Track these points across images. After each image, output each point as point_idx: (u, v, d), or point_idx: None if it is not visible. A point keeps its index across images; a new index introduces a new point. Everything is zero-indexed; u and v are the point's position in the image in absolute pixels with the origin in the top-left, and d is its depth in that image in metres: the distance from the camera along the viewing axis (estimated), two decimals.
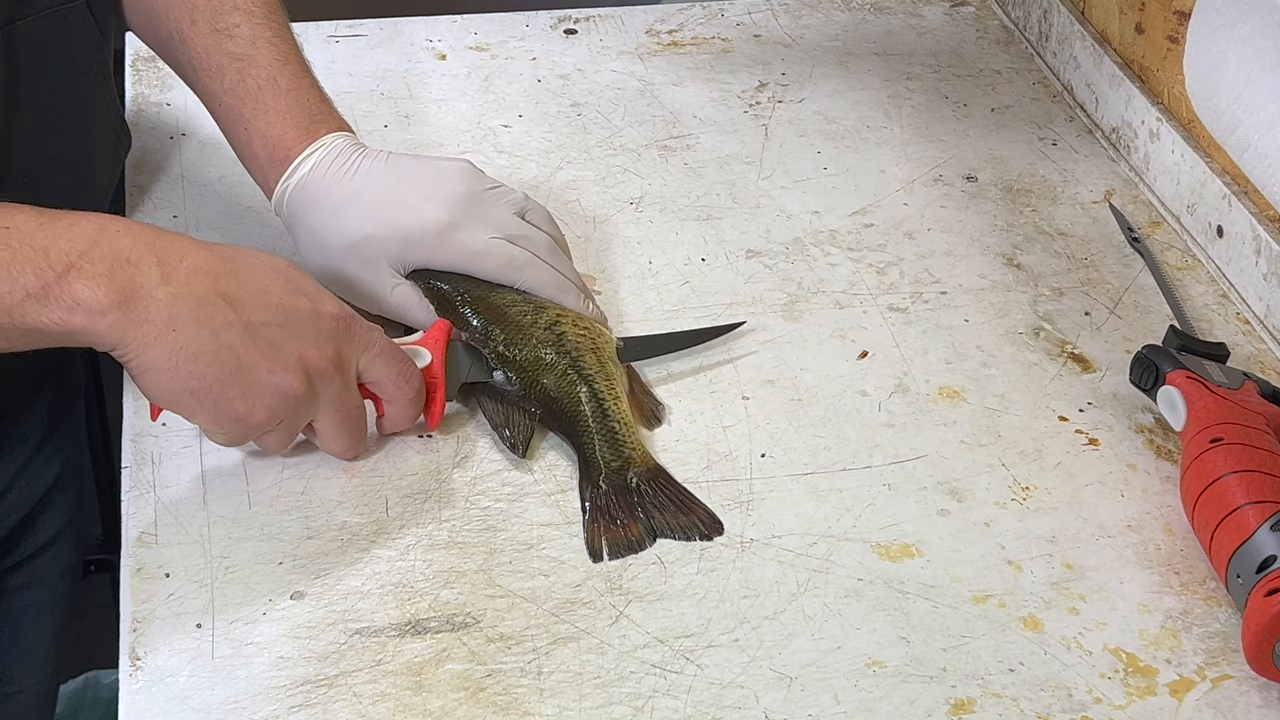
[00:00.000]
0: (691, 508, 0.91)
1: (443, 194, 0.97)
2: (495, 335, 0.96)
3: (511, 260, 0.98)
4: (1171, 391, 0.94)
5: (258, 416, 0.85)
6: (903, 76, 1.32)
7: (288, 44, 1.01)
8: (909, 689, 0.82)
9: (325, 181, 0.97)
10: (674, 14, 1.39)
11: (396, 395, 0.91)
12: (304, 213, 0.98)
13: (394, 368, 0.90)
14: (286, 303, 0.86)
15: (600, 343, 0.97)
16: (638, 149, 1.22)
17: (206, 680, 0.80)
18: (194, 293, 0.82)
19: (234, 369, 0.83)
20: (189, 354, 0.82)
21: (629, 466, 0.92)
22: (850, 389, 1.01)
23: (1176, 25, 1.18)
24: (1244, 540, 0.84)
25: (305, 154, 0.98)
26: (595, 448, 0.92)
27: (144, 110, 1.22)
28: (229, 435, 0.86)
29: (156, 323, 0.81)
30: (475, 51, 1.32)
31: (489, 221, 0.98)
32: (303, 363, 0.85)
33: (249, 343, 0.83)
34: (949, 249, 1.13)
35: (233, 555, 0.87)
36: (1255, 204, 1.09)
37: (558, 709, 0.80)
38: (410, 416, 0.92)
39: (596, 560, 0.88)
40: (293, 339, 0.85)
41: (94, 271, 0.80)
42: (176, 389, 0.83)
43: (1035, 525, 0.92)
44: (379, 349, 0.89)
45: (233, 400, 0.84)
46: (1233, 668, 0.84)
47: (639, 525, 0.89)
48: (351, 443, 0.91)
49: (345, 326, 0.88)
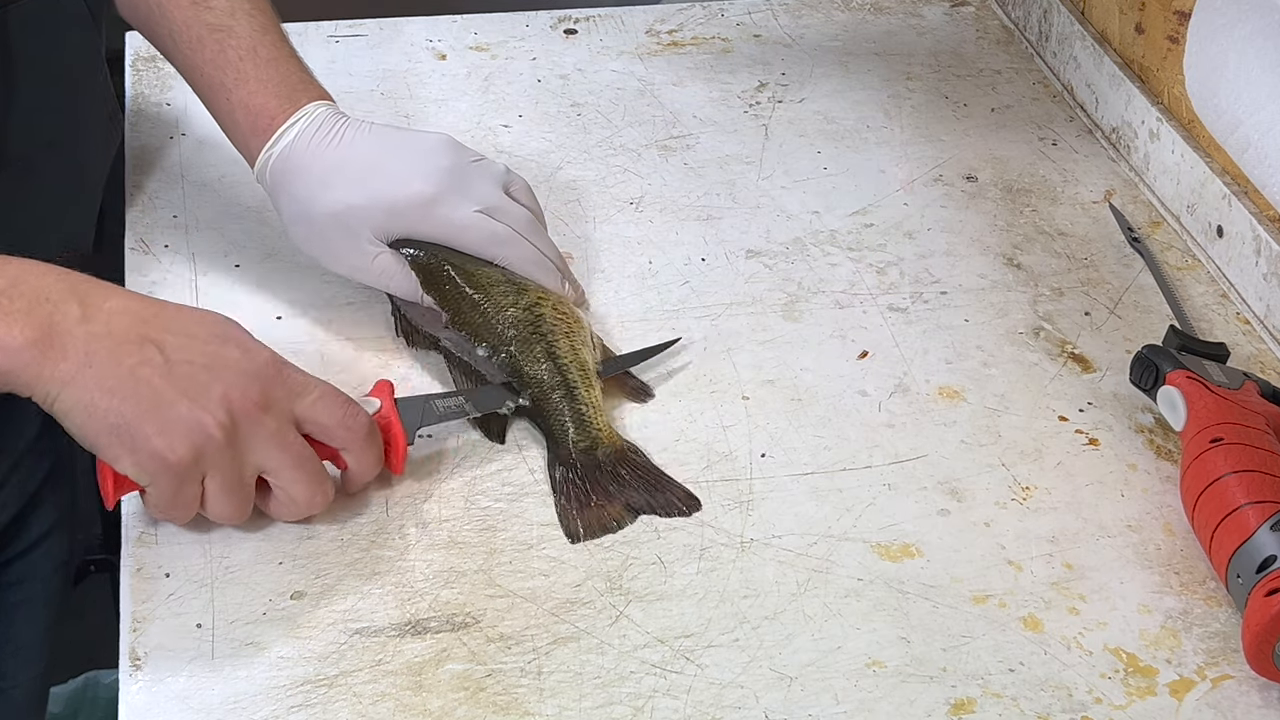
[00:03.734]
0: (664, 486, 0.92)
1: (428, 167, 0.98)
2: (475, 314, 0.97)
3: (493, 235, 0.99)
4: (1171, 391, 0.94)
5: (178, 453, 0.81)
6: (903, 76, 1.32)
7: (266, 14, 1.01)
8: (909, 689, 0.82)
9: (309, 150, 0.97)
10: (674, 14, 1.39)
11: (348, 439, 0.87)
12: (288, 181, 0.98)
13: (337, 410, 0.86)
14: (212, 347, 0.83)
15: (576, 327, 0.98)
16: (638, 149, 1.22)
17: (206, 680, 0.80)
18: (113, 332, 0.80)
19: (151, 404, 0.80)
20: (105, 389, 0.79)
21: (596, 446, 0.93)
22: (850, 389, 1.01)
23: (1176, 25, 1.18)
24: (1244, 540, 0.84)
25: (288, 123, 0.98)
26: (564, 429, 0.93)
27: (144, 110, 1.22)
28: (159, 485, 0.82)
29: (73, 360, 0.79)
30: (475, 51, 1.32)
31: (472, 195, 0.99)
32: (226, 401, 0.82)
33: (167, 379, 0.81)
34: (949, 249, 1.13)
35: (233, 555, 0.87)
36: (1255, 204, 1.09)
37: (558, 709, 0.80)
38: (371, 461, 0.88)
39: (574, 541, 0.89)
40: (215, 380, 0.82)
41: (11, 309, 0.78)
42: (96, 427, 0.80)
43: (1035, 525, 0.92)
44: (318, 394, 0.86)
45: (150, 436, 0.80)
46: (1233, 668, 0.84)
47: (615, 504, 0.90)
48: (313, 489, 0.86)
49: (276, 372, 0.85)
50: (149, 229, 1.09)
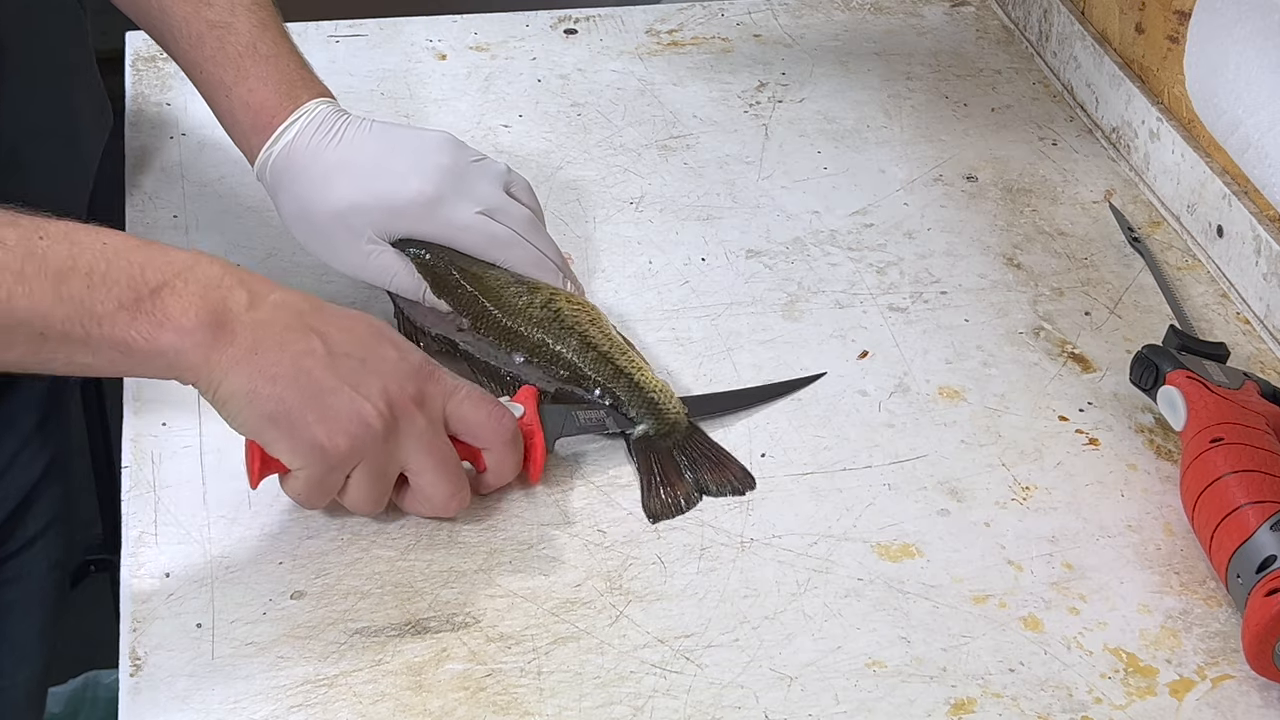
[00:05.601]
0: (726, 463, 0.94)
1: (428, 166, 0.98)
2: (502, 317, 0.97)
3: (494, 238, 0.98)
4: (1171, 391, 0.94)
5: (338, 444, 0.82)
6: (903, 76, 1.32)
7: (266, 10, 1.01)
8: (909, 689, 0.82)
9: (310, 149, 0.97)
10: (674, 14, 1.39)
11: (492, 438, 0.88)
12: (289, 180, 0.98)
13: (484, 409, 0.88)
14: (370, 342, 0.85)
15: (597, 315, 0.99)
16: (638, 149, 1.22)
17: (206, 680, 0.80)
18: (279, 320, 0.83)
19: (313, 393, 0.82)
20: (268, 377, 0.81)
21: (675, 429, 0.94)
22: (850, 389, 1.01)
23: (1176, 25, 1.18)
24: (1244, 540, 0.84)
25: (289, 121, 0.98)
26: (639, 419, 0.94)
27: (144, 110, 1.21)
28: (310, 471, 0.84)
29: (241, 346, 0.81)
30: (475, 51, 1.32)
31: (473, 196, 0.99)
32: (385, 394, 0.84)
33: (330, 370, 0.83)
34: (949, 249, 1.13)
35: (233, 555, 0.87)
36: (1255, 204, 1.09)
37: (558, 709, 0.80)
38: (511, 464, 0.90)
39: (655, 521, 0.90)
40: (374, 373, 0.84)
41: (186, 291, 0.80)
42: (256, 414, 0.82)
43: (1035, 525, 0.92)
44: (465, 393, 0.88)
45: (311, 425, 0.82)
46: (1233, 668, 0.84)
47: (685, 484, 0.92)
48: (452, 490, 0.87)
49: (429, 372, 0.87)
50: (149, 229, 1.09)
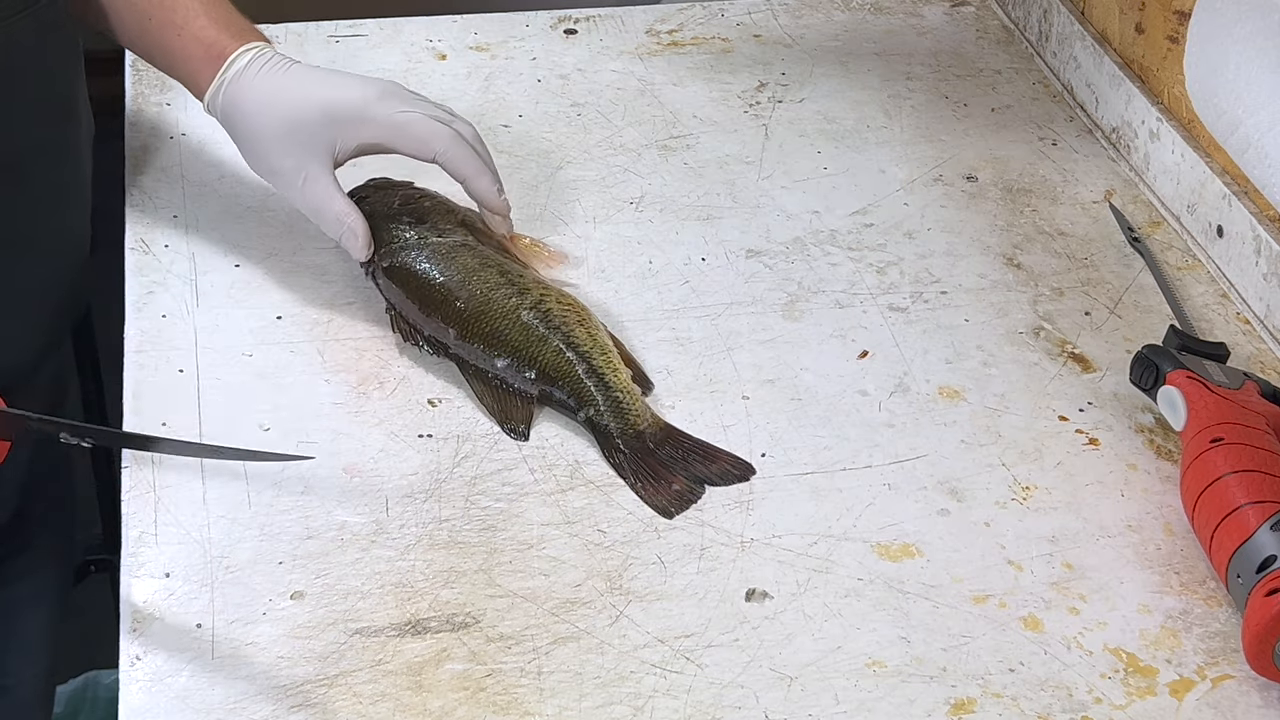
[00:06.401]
0: (716, 456, 0.94)
1: (370, 80, 1.02)
2: (482, 320, 0.97)
3: (434, 133, 1.00)
4: (1171, 391, 0.94)
5: None
6: (903, 76, 1.32)
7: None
8: (909, 689, 0.82)
9: (261, 73, 1.00)
10: (674, 14, 1.39)
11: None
12: (240, 99, 1.00)
13: None
14: None
15: (585, 315, 0.99)
16: (638, 149, 1.22)
17: (206, 680, 0.80)
18: None
19: None
20: None
21: (643, 430, 0.94)
22: (850, 389, 1.01)
23: (1176, 25, 1.18)
24: (1244, 540, 0.84)
25: (241, 49, 1.01)
26: (604, 420, 0.94)
27: (144, 110, 1.21)
28: None
29: None
30: (475, 51, 1.32)
31: (413, 101, 1.01)
32: None
33: None
34: (949, 249, 1.13)
35: (233, 555, 0.87)
36: (1255, 204, 1.09)
37: (558, 709, 0.80)
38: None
39: (669, 517, 0.90)
40: None
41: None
42: None
43: (1035, 525, 0.92)
44: None
45: None
46: (1233, 668, 0.84)
47: (680, 479, 0.92)
48: None
49: None
50: (149, 229, 1.09)
